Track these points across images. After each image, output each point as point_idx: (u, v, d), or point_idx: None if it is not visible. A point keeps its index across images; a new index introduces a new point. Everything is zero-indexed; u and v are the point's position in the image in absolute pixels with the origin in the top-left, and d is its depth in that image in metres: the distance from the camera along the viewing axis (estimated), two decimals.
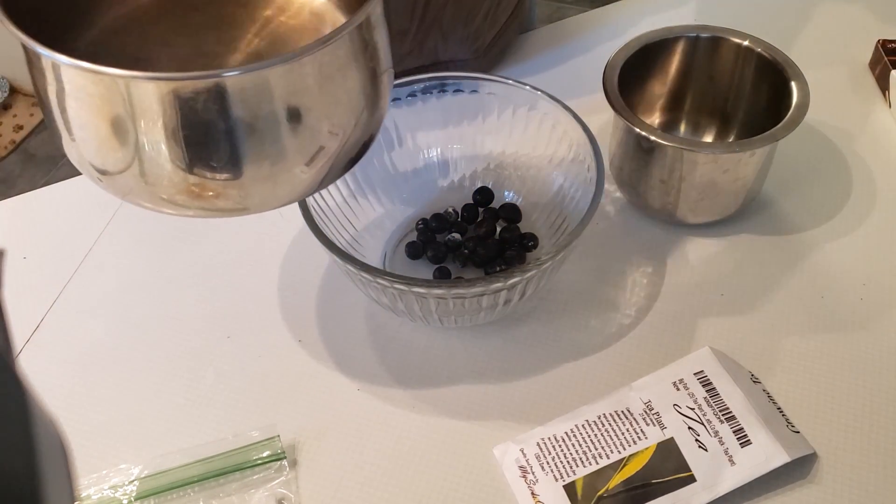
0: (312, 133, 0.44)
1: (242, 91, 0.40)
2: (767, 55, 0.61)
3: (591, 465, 0.49)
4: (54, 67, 0.40)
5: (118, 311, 0.60)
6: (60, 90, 0.41)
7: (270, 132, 0.42)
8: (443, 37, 0.71)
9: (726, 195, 0.60)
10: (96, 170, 0.44)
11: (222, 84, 0.40)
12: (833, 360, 0.55)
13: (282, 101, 0.42)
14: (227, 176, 0.43)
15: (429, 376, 0.55)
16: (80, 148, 0.43)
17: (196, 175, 0.42)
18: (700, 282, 0.60)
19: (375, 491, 0.50)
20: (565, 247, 0.50)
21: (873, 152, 0.68)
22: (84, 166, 0.44)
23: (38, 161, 1.82)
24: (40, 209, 0.68)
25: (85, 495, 0.50)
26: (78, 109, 0.41)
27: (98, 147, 0.42)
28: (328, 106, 0.44)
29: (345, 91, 0.45)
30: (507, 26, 0.75)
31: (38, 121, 1.89)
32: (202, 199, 0.43)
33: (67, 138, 0.43)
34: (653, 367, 0.55)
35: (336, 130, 0.45)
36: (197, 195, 0.43)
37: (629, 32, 0.64)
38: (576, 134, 0.56)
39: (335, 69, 0.43)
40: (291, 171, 0.44)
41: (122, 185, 0.44)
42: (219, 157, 0.42)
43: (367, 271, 0.49)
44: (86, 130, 0.42)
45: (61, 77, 0.40)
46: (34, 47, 0.38)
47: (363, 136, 0.47)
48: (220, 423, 0.54)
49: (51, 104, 0.42)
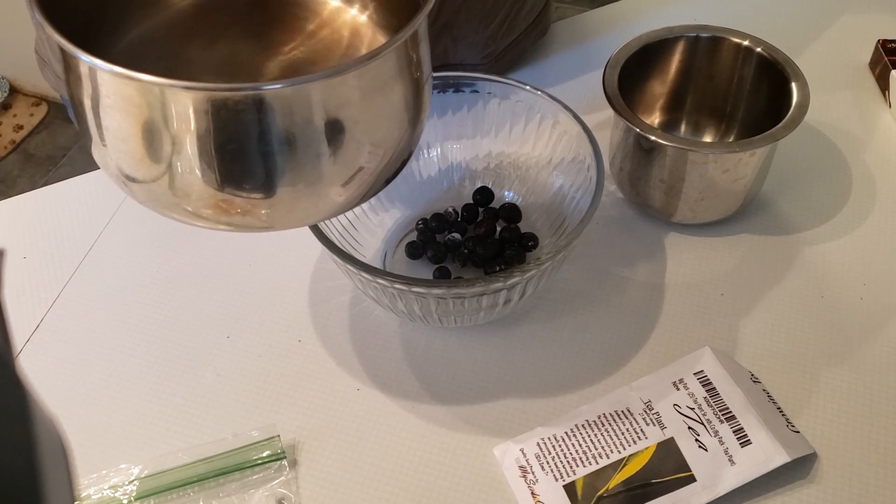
0: (353, 153, 0.42)
1: (283, 105, 0.39)
2: (767, 55, 0.61)
3: (591, 465, 0.49)
4: (91, 72, 0.39)
5: (118, 311, 0.60)
6: (95, 95, 0.40)
7: (309, 151, 0.41)
8: (453, 40, 0.70)
9: (726, 195, 0.60)
10: (125, 176, 0.42)
11: (262, 97, 0.38)
12: (833, 360, 0.55)
13: (323, 117, 0.40)
14: (260, 195, 0.41)
15: (429, 376, 0.55)
16: (110, 153, 0.42)
17: (227, 192, 0.41)
18: (700, 282, 0.60)
19: (375, 491, 0.50)
20: (565, 247, 0.50)
21: (873, 152, 0.68)
22: (111, 169, 0.43)
23: (37, 161, 1.82)
24: (40, 209, 0.68)
25: (85, 495, 0.50)
26: (111, 115, 0.40)
27: (129, 154, 0.41)
28: (371, 124, 0.43)
29: (389, 108, 0.43)
30: (525, 34, 0.74)
31: (38, 121, 1.89)
32: (229, 214, 0.42)
33: (98, 142, 0.42)
34: (653, 367, 0.55)
35: (378, 150, 0.43)
36: (224, 210, 0.42)
37: (629, 32, 0.64)
38: (576, 134, 0.56)
39: (380, 85, 0.42)
40: (327, 192, 0.43)
41: (148, 192, 0.43)
42: (252, 174, 0.40)
43: (367, 271, 0.49)
44: (118, 136, 0.41)
45: (97, 82, 0.39)
46: (73, 52, 0.37)
47: (403, 153, 0.46)
48: (220, 422, 0.54)
49: (84, 108, 0.41)
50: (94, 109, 0.40)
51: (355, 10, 0.52)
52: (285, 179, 0.41)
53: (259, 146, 0.39)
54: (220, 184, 0.40)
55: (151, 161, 0.41)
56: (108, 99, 0.39)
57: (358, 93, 0.41)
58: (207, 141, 0.39)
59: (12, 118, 1.90)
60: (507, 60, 0.74)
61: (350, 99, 0.41)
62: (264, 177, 0.41)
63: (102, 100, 0.40)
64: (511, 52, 0.74)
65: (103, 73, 0.38)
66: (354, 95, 0.41)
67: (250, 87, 0.38)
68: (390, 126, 0.44)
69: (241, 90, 0.38)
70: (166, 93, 0.38)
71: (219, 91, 0.38)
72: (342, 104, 0.40)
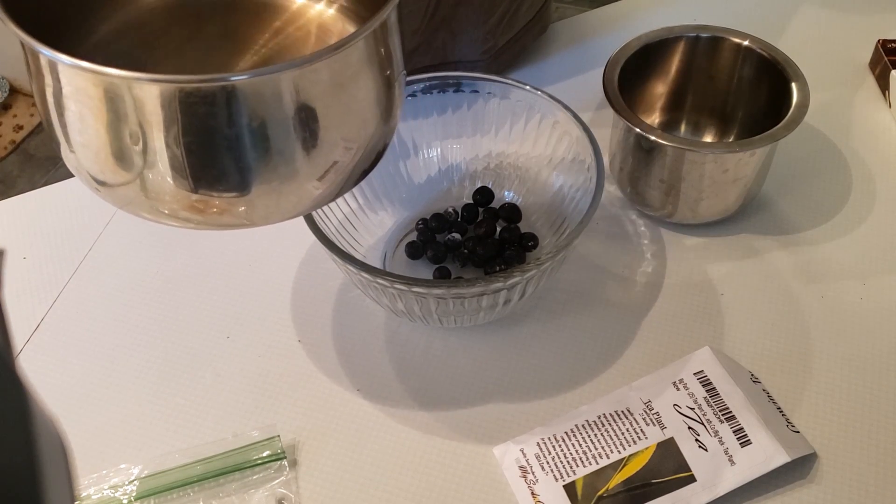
0: (326, 147, 0.42)
1: (251, 97, 0.38)
2: (767, 55, 0.61)
3: (591, 465, 0.49)
4: (52, 67, 0.38)
5: (118, 311, 0.60)
6: (58, 92, 0.39)
7: (281, 145, 0.40)
8: (452, 36, 0.69)
9: (726, 195, 0.60)
10: (95, 180, 0.42)
11: (230, 88, 0.38)
12: (833, 360, 0.55)
13: (293, 110, 0.40)
14: (234, 193, 0.41)
15: (428, 376, 0.55)
16: (78, 156, 0.41)
17: (201, 192, 0.40)
18: (700, 282, 0.60)
19: (375, 491, 0.50)
20: (565, 247, 0.50)
21: (873, 152, 0.68)
22: (82, 175, 0.42)
23: (37, 161, 1.82)
24: (40, 209, 0.68)
25: (85, 495, 0.50)
26: (77, 114, 0.39)
27: (97, 156, 0.40)
28: (342, 117, 0.42)
29: (359, 100, 0.43)
30: (525, 31, 0.73)
31: (38, 121, 1.89)
32: (205, 214, 0.42)
33: (65, 145, 0.41)
34: (653, 367, 0.55)
35: (350, 144, 0.43)
36: (200, 210, 0.41)
37: (629, 32, 0.64)
38: (576, 134, 0.56)
39: (349, 76, 0.41)
40: (303, 186, 0.43)
41: (121, 197, 0.42)
42: (225, 171, 0.40)
43: (367, 271, 0.49)
44: (84, 137, 0.40)
45: (60, 78, 0.38)
46: (33, 45, 0.37)
47: (377, 145, 0.46)
48: (220, 423, 0.54)
49: (49, 108, 0.40)
50: (57, 108, 0.39)
51: (322, 4, 0.52)
52: (259, 176, 0.40)
53: (228, 139, 0.39)
54: (194, 181, 0.40)
55: (119, 162, 0.40)
56: (72, 96, 0.38)
57: (327, 83, 0.40)
58: (175, 137, 0.38)
59: (12, 118, 1.90)
60: (507, 58, 0.74)
61: (319, 89, 0.40)
62: (238, 174, 0.40)
63: (65, 97, 0.39)
64: (511, 48, 0.74)
65: (65, 67, 0.37)
66: (324, 86, 0.40)
67: (217, 77, 0.38)
68: (362, 119, 0.44)
69: (207, 81, 0.37)
70: (132, 87, 0.37)
71: (188, 83, 0.37)
72: (310, 95, 0.40)
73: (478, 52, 0.72)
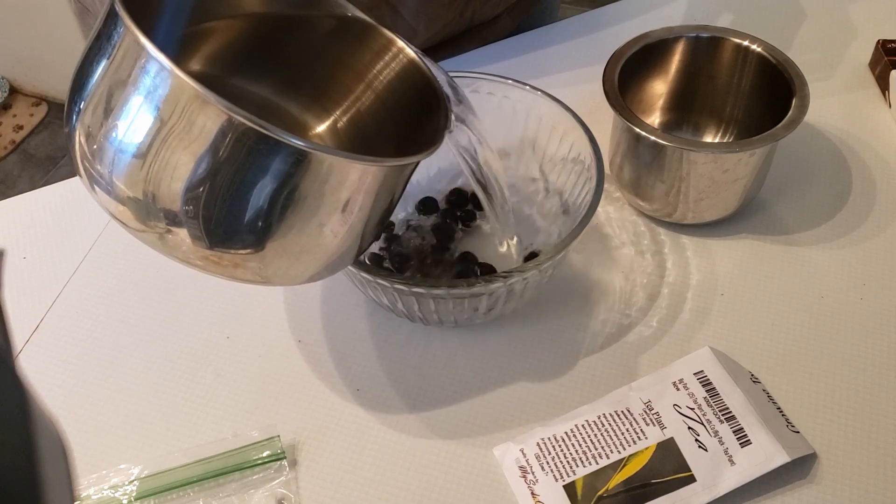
0: (353, 230, 0.44)
1: (300, 164, 0.38)
2: (768, 55, 0.61)
3: (590, 465, 0.49)
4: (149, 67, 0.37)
5: (118, 311, 0.60)
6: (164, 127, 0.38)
7: (313, 219, 0.41)
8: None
9: (726, 195, 0.60)
10: None
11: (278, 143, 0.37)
12: (833, 360, 0.55)
13: (346, 196, 0.41)
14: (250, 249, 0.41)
15: (428, 376, 0.55)
16: None
17: (216, 250, 0.41)
18: (700, 282, 0.60)
19: (375, 491, 0.50)
20: (565, 247, 0.50)
21: (873, 152, 0.68)
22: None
23: (37, 161, 1.82)
24: (40, 209, 0.68)
25: (85, 495, 0.50)
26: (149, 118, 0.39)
27: None
28: (380, 211, 0.45)
29: (396, 198, 0.46)
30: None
31: (38, 121, 1.89)
32: (221, 266, 0.42)
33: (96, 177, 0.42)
34: (653, 367, 0.55)
35: (374, 230, 0.46)
36: (215, 263, 0.42)
37: (629, 32, 0.64)
38: (576, 134, 0.56)
39: (402, 179, 0.46)
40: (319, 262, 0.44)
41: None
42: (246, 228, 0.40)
43: (367, 271, 0.49)
44: None
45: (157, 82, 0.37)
46: (194, 87, 0.36)
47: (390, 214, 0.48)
48: (220, 423, 0.54)
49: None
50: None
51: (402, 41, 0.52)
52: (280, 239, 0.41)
53: (273, 195, 0.39)
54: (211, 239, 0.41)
55: None
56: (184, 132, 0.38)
57: (388, 181, 0.44)
58: (227, 174, 0.38)
59: (12, 118, 1.90)
60: (522, 7, 0.77)
61: (370, 186, 0.42)
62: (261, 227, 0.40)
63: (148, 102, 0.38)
64: None
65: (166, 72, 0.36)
66: (375, 184, 0.43)
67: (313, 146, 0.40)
68: (388, 211, 0.47)
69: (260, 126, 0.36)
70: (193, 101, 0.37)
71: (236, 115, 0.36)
72: (362, 188, 0.42)
73: (502, 6, 0.74)
